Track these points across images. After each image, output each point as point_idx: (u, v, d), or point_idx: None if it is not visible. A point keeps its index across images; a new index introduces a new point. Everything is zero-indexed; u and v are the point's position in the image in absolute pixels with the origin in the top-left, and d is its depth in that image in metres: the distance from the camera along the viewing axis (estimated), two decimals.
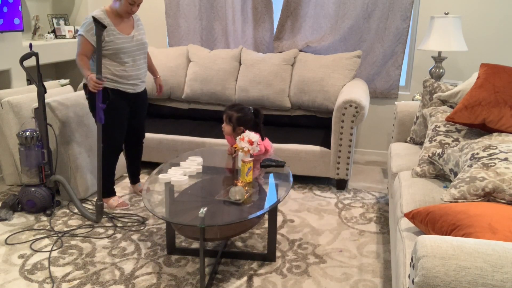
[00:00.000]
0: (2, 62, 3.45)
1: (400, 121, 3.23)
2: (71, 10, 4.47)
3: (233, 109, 2.76)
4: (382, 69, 4.05)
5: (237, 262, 2.46)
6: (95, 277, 2.32)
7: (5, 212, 2.95)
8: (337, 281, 2.30)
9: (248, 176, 2.37)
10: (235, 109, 2.76)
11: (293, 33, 4.16)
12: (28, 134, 2.96)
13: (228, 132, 2.76)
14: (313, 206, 3.19)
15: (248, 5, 4.18)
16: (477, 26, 3.82)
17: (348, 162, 3.38)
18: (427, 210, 1.75)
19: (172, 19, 4.41)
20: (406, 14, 3.85)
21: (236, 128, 2.73)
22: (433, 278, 1.18)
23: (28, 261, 2.46)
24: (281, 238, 2.73)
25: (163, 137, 3.73)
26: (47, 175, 3.04)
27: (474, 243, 1.23)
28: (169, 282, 2.28)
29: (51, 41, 3.98)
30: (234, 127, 2.73)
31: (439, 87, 2.94)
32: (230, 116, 2.73)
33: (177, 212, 2.15)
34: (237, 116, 2.72)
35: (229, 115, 2.74)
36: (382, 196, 3.39)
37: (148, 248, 2.60)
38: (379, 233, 2.81)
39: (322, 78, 3.79)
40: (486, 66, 2.49)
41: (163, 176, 2.39)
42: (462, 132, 2.47)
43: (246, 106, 2.80)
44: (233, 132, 2.74)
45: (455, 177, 2.14)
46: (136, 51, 2.94)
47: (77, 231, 2.80)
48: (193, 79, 4.04)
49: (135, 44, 2.93)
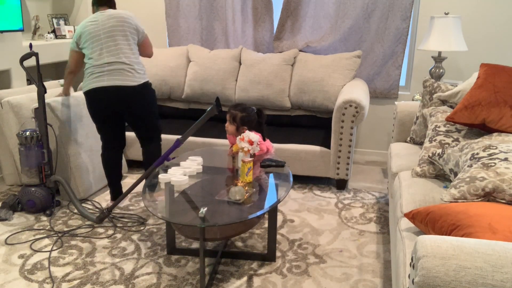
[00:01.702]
0: (2, 62, 3.45)
1: (400, 121, 3.23)
2: (71, 10, 4.47)
3: (237, 108, 2.77)
4: (382, 69, 4.05)
5: (237, 262, 2.46)
6: (95, 277, 2.32)
7: (5, 212, 2.95)
8: (337, 281, 2.30)
9: (248, 176, 2.36)
10: (239, 108, 2.77)
11: (293, 33, 4.16)
12: (28, 134, 2.96)
13: (232, 131, 2.78)
14: (313, 206, 3.19)
15: (248, 5, 4.18)
16: (477, 26, 3.82)
17: (348, 162, 3.38)
18: (427, 210, 1.75)
19: (172, 19, 4.41)
20: (406, 14, 3.85)
21: (240, 127, 2.74)
22: (433, 278, 1.18)
23: (28, 261, 2.46)
24: (281, 238, 2.73)
25: (163, 137, 3.72)
26: (47, 175, 3.04)
27: (474, 243, 1.23)
28: (169, 282, 2.28)
29: (51, 41, 3.98)
30: (237, 126, 2.75)
31: (439, 87, 2.93)
32: (234, 115, 2.75)
33: (177, 212, 2.15)
34: (241, 116, 2.73)
35: (233, 114, 2.75)
36: (382, 196, 3.39)
37: (148, 248, 2.60)
38: (379, 233, 2.81)
39: (322, 78, 3.79)
40: (486, 66, 2.49)
41: (163, 176, 2.39)
42: (462, 132, 2.47)
43: (249, 106, 2.81)
44: (236, 132, 2.75)
45: (455, 177, 2.14)
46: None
47: (77, 231, 2.80)
48: (193, 79, 4.04)
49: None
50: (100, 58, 2.85)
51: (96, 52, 2.85)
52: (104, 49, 2.85)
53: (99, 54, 2.85)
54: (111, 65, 2.84)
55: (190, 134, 2.55)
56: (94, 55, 2.85)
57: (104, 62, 2.84)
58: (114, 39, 2.87)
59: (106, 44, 2.85)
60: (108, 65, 2.84)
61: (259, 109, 2.83)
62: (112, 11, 2.93)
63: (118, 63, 2.85)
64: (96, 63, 2.85)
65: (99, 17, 2.89)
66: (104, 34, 2.86)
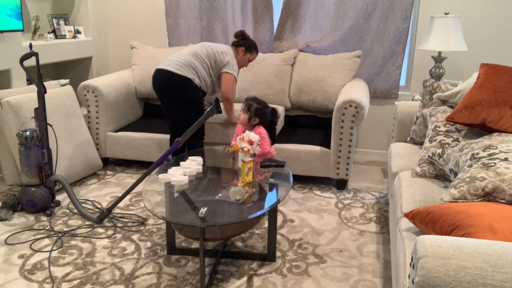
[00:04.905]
0: (2, 62, 3.44)
1: (400, 121, 3.23)
2: (71, 10, 4.46)
3: (254, 100, 2.89)
4: (382, 69, 4.05)
5: (237, 262, 2.46)
6: (95, 277, 2.32)
7: (5, 212, 2.95)
8: (337, 281, 2.30)
9: (248, 176, 2.36)
10: (256, 100, 2.89)
11: (293, 33, 4.16)
12: (28, 134, 2.96)
13: (244, 120, 2.85)
14: (313, 206, 3.19)
15: (248, 5, 4.18)
16: (477, 26, 3.82)
17: (348, 162, 3.38)
18: (427, 210, 1.75)
19: (172, 19, 4.41)
20: (406, 14, 3.85)
21: (252, 118, 2.83)
22: (433, 278, 1.18)
23: (28, 261, 2.46)
24: (281, 238, 2.73)
25: (163, 137, 3.73)
26: (47, 175, 3.04)
27: (474, 243, 1.23)
28: (169, 282, 2.28)
29: (51, 41, 3.98)
30: (250, 116, 2.83)
31: (439, 87, 2.93)
32: (250, 105, 2.84)
33: (177, 212, 2.15)
34: (256, 107, 2.83)
35: (249, 104, 2.85)
36: (382, 196, 3.39)
37: (148, 248, 2.60)
38: (379, 233, 2.81)
39: (322, 78, 3.79)
40: (486, 66, 2.49)
41: (163, 176, 2.39)
42: (462, 132, 2.47)
43: (266, 103, 2.93)
44: (247, 122, 2.84)
45: (455, 177, 2.14)
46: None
47: (77, 231, 2.80)
48: None
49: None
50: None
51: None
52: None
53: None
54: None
55: (190, 134, 2.56)
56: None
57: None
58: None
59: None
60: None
61: (274, 109, 2.91)
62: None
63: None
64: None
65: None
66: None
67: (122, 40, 4.70)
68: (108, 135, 3.83)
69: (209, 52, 3.36)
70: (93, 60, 4.52)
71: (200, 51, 3.34)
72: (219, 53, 3.37)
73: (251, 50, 3.51)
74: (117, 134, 3.83)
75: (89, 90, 3.75)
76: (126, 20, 4.63)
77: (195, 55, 3.32)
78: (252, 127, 2.83)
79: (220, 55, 3.37)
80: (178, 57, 3.31)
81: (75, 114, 3.56)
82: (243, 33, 3.52)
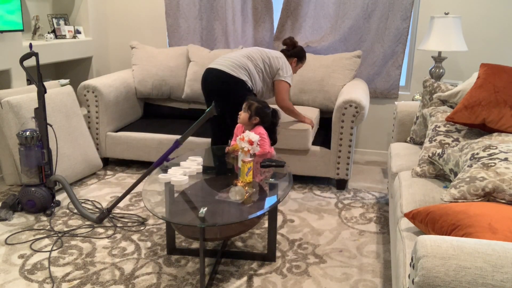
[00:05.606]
0: (2, 62, 3.44)
1: (400, 121, 3.23)
2: (71, 10, 4.46)
3: (255, 99, 2.88)
4: (382, 69, 4.05)
5: (237, 262, 2.46)
6: (95, 277, 2.32)
7: (5, 212, 2.95)
8: (337, 281, 2.30)
9: (248, 176, 2.36)
10: (257, 100, 2.88)
11: (293, 33, 4.16)
12: (28, 134, 2.96)
13: (244, 120, 2.83)
14: (313, 206, 3.19)
15: (248, 5, 4.18)
16: (477, 26, 3.82)
17: (348, 162, 3.38)
18: (427, 210, 1.75)
19: (172, 19, 4.41)
20: (406, 14, 3.85)
21: (252, 117, 2.81)
22: (433, 278, 1.18)
23: (28, 261, 2.46)
24: (281, 238, 2.73)
25: (163, 137, 3.73)
26: (47, 175, 3.04)
27: (474, 243, 1.23)
28: (169, 282, 2.28)
29: (51, 41, 3.98)
30: (251, 115, 2.81)
31: (439, 87, 2.93)
32: (251, 104, 2.83)
33: (177, 212, 2.15)
34: (257, 106, 2.81)
35: (249, 103, 2.84)
36: (382, 196, 3.39)
37: (148, 248, 2.60)
38: (379, 233, 2.81)
39: (322, 78, 3.79)
40: (486, 66, 2.49)
41: (163, 176, 2.39)
42: (462, 132, 2.47)
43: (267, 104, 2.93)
44: (248, 121, 2.82)
45: (455, 177, 2.14)
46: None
47: (77, 231, 2.80)
48: (193, 79, 4.03)
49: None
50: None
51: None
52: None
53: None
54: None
55: (189, 134, 2.56)
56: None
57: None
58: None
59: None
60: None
61: (275, 110, 2.90)
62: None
63: None
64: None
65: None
66: None
67: (122, 40, 4.70)
68: (108, 135, 3.83)
69: (263, 56, 3.26)
70: (93, 60, 4.52)
71: (255, 54, 3.24)
72: (273, 58, 3.26)
73: (303, 60, 3.43)
74: (117, 134, 3.83)
75: (89, 90, 3.75)
76: (126, 20, 4.63)
77: (249, 58, 3.22)
78: (252, 126, 2.83)
79: (274, 60, 3.26)
80: (232, 58, 3.20)
81: (75, 114, 3.56)
82: (293, 42, 3.41)
